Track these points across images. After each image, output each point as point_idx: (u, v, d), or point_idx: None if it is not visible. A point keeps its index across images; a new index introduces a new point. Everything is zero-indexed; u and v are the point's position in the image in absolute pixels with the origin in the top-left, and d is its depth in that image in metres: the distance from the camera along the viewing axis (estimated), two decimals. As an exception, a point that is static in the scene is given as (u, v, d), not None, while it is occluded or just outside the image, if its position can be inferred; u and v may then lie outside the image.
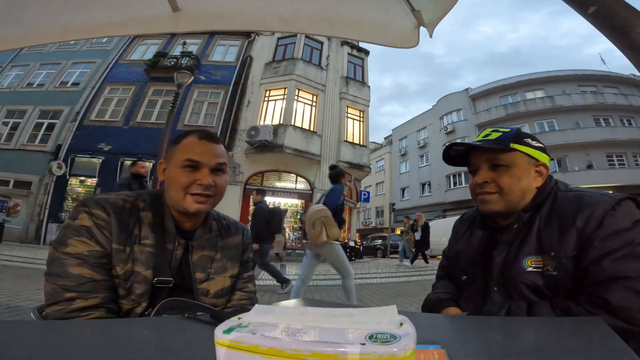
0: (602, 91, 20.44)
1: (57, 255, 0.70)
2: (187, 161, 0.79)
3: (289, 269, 8.12)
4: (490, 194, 0.83)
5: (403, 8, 1.25)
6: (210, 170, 0.81)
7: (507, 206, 0.82)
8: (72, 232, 0.72)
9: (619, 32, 0.65)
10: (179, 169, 0.80)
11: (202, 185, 0.79)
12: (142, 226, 0.78)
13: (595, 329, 0.52)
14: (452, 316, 0.81)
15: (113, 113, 12.83)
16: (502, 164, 0.82)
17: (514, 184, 0.81)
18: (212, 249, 0.88)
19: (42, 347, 0.44)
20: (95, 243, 0.72)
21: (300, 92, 12.45)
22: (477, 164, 0.86)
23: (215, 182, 0.81)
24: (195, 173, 0.80)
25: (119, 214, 0.76)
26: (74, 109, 12.82)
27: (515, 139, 0.82)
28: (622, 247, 0.67)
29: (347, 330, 0.25)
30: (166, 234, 0.81)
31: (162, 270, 0.77)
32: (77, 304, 0.67)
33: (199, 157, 0.80)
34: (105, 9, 1.27)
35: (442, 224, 14.37)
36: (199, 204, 0.79)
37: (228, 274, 0.90)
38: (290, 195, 12.32)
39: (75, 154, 12.04)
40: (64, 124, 12.66)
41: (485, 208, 0.85)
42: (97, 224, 0.73)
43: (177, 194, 0.80)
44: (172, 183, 0.81)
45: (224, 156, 0.85)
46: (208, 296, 0.84)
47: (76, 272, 0.69)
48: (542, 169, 0.83)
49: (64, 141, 12.26)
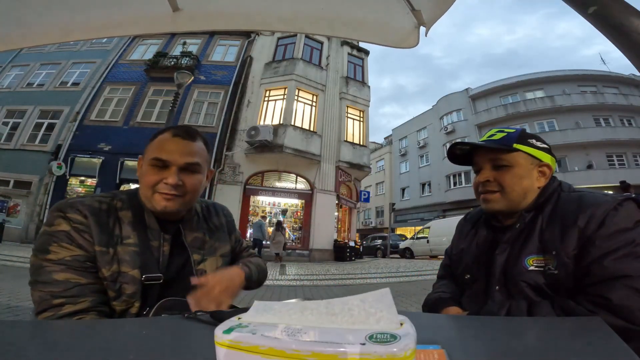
0: (602, 91, 20.45)
1: (39, 263, 0.68)
2: (154, 160, 0.78)
3: (289, 269, 8.12)
4: (492, 192, 0.84)
5: (403, 8, 1.25)
6: (180, 169, 0.79)
7: (509, 205, 0.83)
8: (51, 239, 0.70)
9: (619, 32, 0.65)
10: (148, 167, 0.79)
11: (168, 184, 0.77)
12: (122, 226, 0.77)
13: (596, 328, 0.52)
14: (452, 316, 0.81)
15: (113, 113, 12.83)
16: (504, 164, 0.83)
17: (515, 183, 0.82)
18: (201, 231, 0.90)
19: (42, 347, 0.44)
20: (76, 247, 0.70)
21: (300, 92, 12.45)
22: (480, 163, 0.88)
23: (184, 181, 0.79)
24: (163, 172, 0.78)
25: (97, 215, 0.75)
26: (74, 109, 12.82)
27: (519, 140, 0.84)
28: (623, 247, 0.67)
29: (347, 330, 0.25)
30: (149, 230, 0.80)
31: (149, 267, 0.76)
32: (67, 309, 0.66)
33: (166, 155, 0.78)
34: (105, 9, 1.27)
35: (442, 224, 14.37)
36: (166, 201, 0.77)
37: (218, 253, 0.92)
38: (290, 195, 12.32)
39: (75, 154, 12.04)
40: (64, 124, 12.67)
41: (487, 207, 0.87)
42: (75, 228, 0.71)
43: (145, 191, 0.79)
44: (142, 181, 0.80)
45: (197, 155, 0.82)
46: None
47: (62, 278, 0.67)
48: (545, 170, 0.84)
49: (64, 141, 12.27)
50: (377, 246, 17.99)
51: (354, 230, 15.45)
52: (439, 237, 13.48)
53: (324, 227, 12.05)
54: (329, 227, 12.41)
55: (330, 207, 12.47)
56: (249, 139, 11.16)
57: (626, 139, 18.41)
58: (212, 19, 1.37)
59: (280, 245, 10.15)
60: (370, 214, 31.28)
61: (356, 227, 16.90)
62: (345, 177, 13.11)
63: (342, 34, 1.49)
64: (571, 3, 0.73)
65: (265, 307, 0.31)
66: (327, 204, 12.32)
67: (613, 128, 19.17)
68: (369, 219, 31.41)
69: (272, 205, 12.32)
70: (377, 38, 1.41)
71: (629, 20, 0.64)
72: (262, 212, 12.00)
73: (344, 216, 14.38)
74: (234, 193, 11.32)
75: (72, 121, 12.61)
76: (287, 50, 13.23)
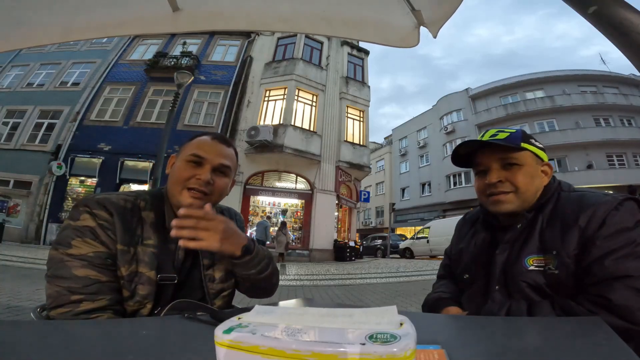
0: (602, 91, 20.44)
1: (60, 257, 0.68)
2: (192, 156, 0.81)
3: (289, 269, 8.12)
4: (506, 193, 0.81)
5: (403, 8, 1.25)
6: (213, 170, 0.81)
7: (522, 205, 0.81)
8: (75, 233, 0.70)
9: (619, 32, 0.65)
10: (184, 162, 0.81)
11: (200, 180, 0.79)
12: (144, 226, 0.78)
13: (596, 328, 0.52)
14: (452, 316, 0.81)
15: (113, 113, 12.83)
16: (515, 162, 0.81)
17: (528, 182, 0.81)
18: None
19: (42, 347, 0.44)
20: (100, 244, 0.71)
21: (300, 92, 12.45)
22: (486, 163, 0.85)
23: (215, 181, 0.81)
24: (197, 168, 0.80)
25: (122, 214, 0.75)
26: (74, 109, 12.82)
27: (523, 139, 0.83)
28: (624, 247, 0.67)
29: (347, 330, 0.25)
30: (168, 234, 0.80)
31: (165, 267, 0.77)
32: (84, 306, 0.65)
33: (204, 153, 0.81)
34: (105, 9, 1.27)
35: (442, 224, 14.37)
36: (193, 199, 0.78)
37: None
38: (290, 195, 12.32)
39: (75, 154, 12.04)
40: (64, 124, 12.67)
41: (499, 208, 0.82)
42: (100, 225, 0.72)
43: (175, 187, 0.80)
44: (174, 176, 0.82)
45: (230, 160, 0.86)
46: (215, 282, 0.85)
47: (81, 274, 0.67)
48: (546, 169, 0.85)
49: (64, 141, 12.27)
50: (377, 246, 17.98)
51: (354, 230, 15.44)
52: (439, 237, 13.47)
53: (324, 227, 12.05)
54: (329, 227, 12.41)
55: (330, 207, 12.47)
56: (249, 139, 11.17)
57: (626, 139, 18.40)
58: (212, 19, 1.37)
59: (282, 246, 10.17)
60: (370, 214, 31.28)
61: (356, 227, 16.89)
62: (345, 177, 13.11)
63: (342, 34, 1.49)
64: (571, 3, 0.73)
65: (266, 309, 0.31)
66: (327, 204, 12.32)
67: (613, 128, 19.16)
68: (369, 219, 31.41)
69: (272, 205, 12.32)
70: (377, 38, 1.41)
71: (629, 20, 0.64)
72: (262, 212, 12.01)
73: (344, 216, 14.38)
74: (234, 193, 11.30)
75: (72, 121, 12.61)
76: (287, 50, 13.23)
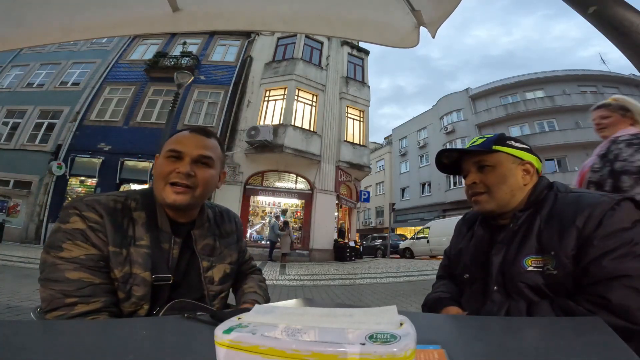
0: (602, 91, 20.39)
1: (52, 260, 0.67)
2: (170, 151, 0.80)
3: (289, 269, 8.12)
4: (481, 194, 0.88)
5: (403, 8, 1.25)
6: (193, 161, 0.80)
7: (498, 204, 0.86)
8: (65, 236, 0.69)
9: (619, 32, 0.65)
10: (164, 159, 0.81)
11: (180, 173, 0.78)
12: (135, 227, 0.77)
13: (595, 328, 0.52)
14: (452, 316, 0.81)
15: (113, 113, 12.83)
16: (487, 164, 0.88)
17: (499, 182, 0.86)
18: (211, 238, 0.90)
19: (42, 347, 0.44)
20: (91, 246, 0.70)
21: (300, 92, 12.45)
22: (467, 168, 0.92)
23: (196, 173, 0.80)
24: (177, 162, 0.80)
25: (112, 215, 0.74)
26: (74, 109, 12.82)
27: (497, 142, 0.88)
28: (621, 246, 0.67)
29: (347, 330, 0.25)
30: (161, 233, 0.80)
31: (159, 268, 0.76)
32: (79, 309, 0.65)
33: (181, 147, 0.80)
34: (105, 9, 1.27)
35: (442, 224, 14.37)
36: (176, 194, 0.78)
37: (227, 261, 0.92)
38: (290, 195, 12.32)
39: (75, 154, 12.04)
40: (64, 124, 12.66)
41: (478, 208, 0.90)
42: (90, 227, 0.71)
43: (158, 184, 0.80)
44: (155, 173, 0.81)
45: (211, 150, 0.84)
46: (214, 284, 0.86)
47: (74, 277, 0.66)
48: (528, 167, 0.87)
49: (64, 141, 12.26)
50: (377, 246, 17.97)
51: (354, 230, 15.44)
52: (439, 237, 13.47)
53: (324, 227, 12.05)
54: (329, 227, 12.41)
55: (330, 207, 12.47)
56: (249, 139, 11.16)
57: (626, 139, 18.38)
58: (212, 19, 1.37)
59: (287, 246, 10.20)
60: (370, 214, 31.27)
61: (356, 227, 16.89)
62: (345, 177, 13.11)
63: (342, 34, 1.49)
64: (571, 3, 0.73)
65: (267, 309, 0.31)
66: (327, 204, 12.32)
67: (613, 128, 19.14)
68: (369, 219, 31.40)
69: (272, 205, 12.32)
70: (377, 38, 1.41)
71: (629, 21, 0.64)
72: (262, 212, 12.01)
73: (344, 216, 14.38)
74: (234, 193, 11.32)
75: (72, 121, 12.61)
76: (287, 50, 13.22)
